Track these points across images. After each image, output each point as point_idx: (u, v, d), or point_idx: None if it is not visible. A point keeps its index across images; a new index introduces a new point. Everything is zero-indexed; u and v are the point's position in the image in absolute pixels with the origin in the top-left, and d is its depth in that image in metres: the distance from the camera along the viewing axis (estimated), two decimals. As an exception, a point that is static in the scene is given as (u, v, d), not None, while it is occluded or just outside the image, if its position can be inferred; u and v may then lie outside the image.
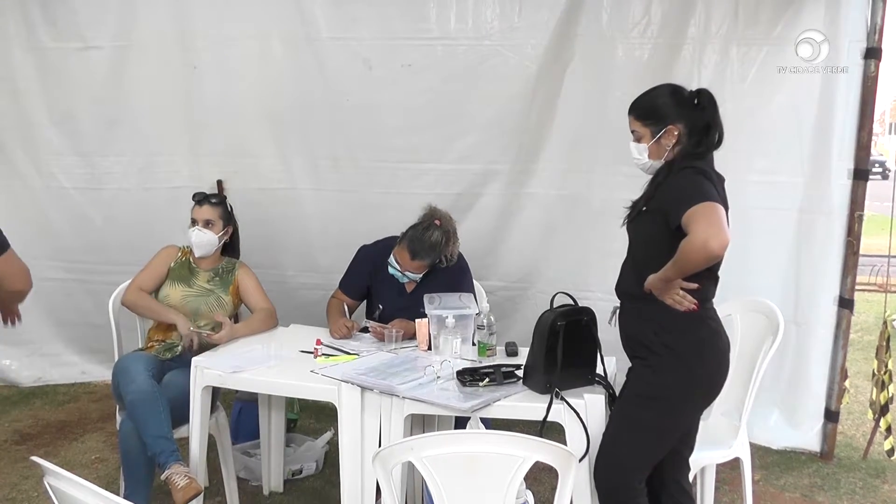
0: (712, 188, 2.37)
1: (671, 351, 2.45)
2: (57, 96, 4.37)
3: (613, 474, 2.54)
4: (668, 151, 2.49)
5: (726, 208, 2.36)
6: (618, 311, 2.65)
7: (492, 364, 2.87)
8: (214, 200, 3.54)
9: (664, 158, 2.50)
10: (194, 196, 3.55)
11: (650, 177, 2.58)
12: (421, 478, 2.60)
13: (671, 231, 2.36)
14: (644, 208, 2.50)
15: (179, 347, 3.34)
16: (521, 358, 2.95)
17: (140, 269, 3.54)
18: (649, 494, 2.58)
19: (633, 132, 2.57)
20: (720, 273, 2.49)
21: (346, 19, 4.15)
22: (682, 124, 2.48)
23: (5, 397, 4.69)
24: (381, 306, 3.51)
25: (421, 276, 3.42)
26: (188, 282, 3.48)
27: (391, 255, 3.40)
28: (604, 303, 2.74)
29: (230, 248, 3.67)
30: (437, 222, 3.38)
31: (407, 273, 3.38)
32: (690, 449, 2.68)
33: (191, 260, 3.55)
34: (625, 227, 2.63)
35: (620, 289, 2.65)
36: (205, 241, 3.47)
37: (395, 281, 3.46)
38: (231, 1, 4.22)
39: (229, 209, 3.61)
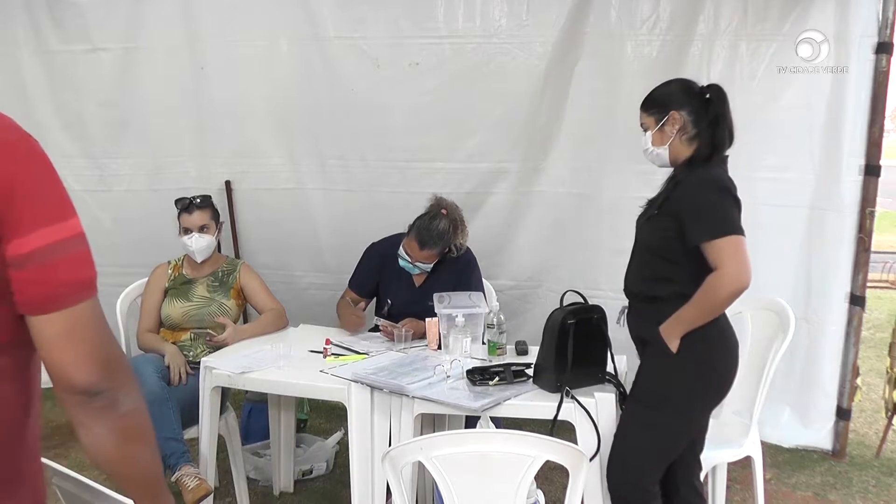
0: (736, 210, 2.39)
1: (679, 350, 2.44)
2: (65, 99, 4.37)
3: (627, 477, 2.53)
4: (673, 138, 2.51)
5: (739, 210, 2.40)
6: (626, 311, 2.65)
7: (502, 363, 2.87)
8: (200, 202, 3.50)
9: (668, 145, 2.52)
10: (177, 203, 3.51)
11: (664, 174, 2.59)
12: (431, 478, 2.59)
13: (682, 239, 2.38)
14: (656, 212, 2.50)
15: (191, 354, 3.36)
16: (532, 357, 2.94)
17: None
18: (661, 494, 2.57)
19: (641, 125, 2.62)
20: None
21: (354, 19, 4.13)
22: (686, 111, 2.50)
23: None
24: (389, 301, 3.51)
25: (431, 266, 3.41)
26: (186, 295, 3.46)
27: (401, 248, 3.40)
28: (614, 301, 2.73)
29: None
30: (443, 211, 3.39)
31: (417, 264, 3.37)
32: (701, 447, 2.67)
33: (185, 273, 3.53)
34: (635, 224, 2.63)
35: (627, 289, 2.64)
36: (204, 245, 3.46)
37: (403, 276, 3.46)
38: (238, 2, 4.21)
39: (214, 206, 3.58)
